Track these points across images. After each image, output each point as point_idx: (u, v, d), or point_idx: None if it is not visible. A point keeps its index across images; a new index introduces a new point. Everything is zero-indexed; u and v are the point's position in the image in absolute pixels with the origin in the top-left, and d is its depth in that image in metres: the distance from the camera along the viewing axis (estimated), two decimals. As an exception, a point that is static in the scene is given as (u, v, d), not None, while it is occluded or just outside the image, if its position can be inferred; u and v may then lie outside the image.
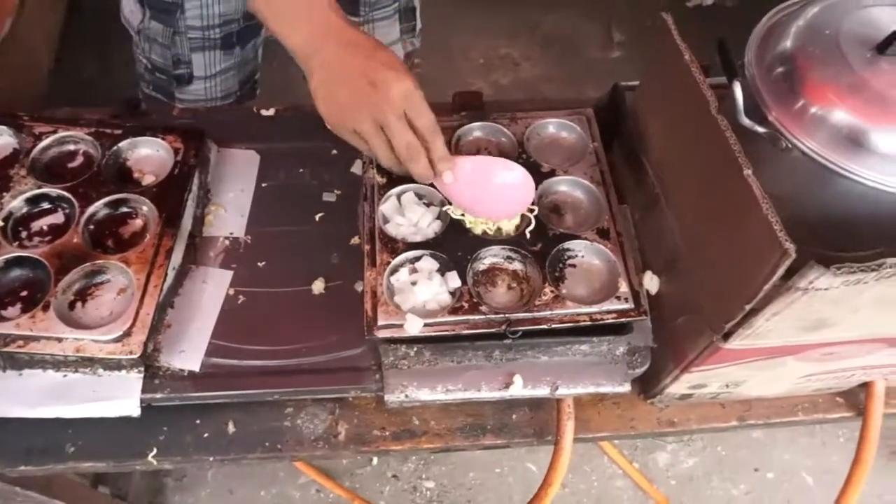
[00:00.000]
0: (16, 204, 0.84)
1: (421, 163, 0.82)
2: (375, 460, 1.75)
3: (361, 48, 0.81)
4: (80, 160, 0.91)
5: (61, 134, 0.91)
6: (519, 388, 0.79)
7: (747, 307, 0.66)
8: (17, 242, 0.83)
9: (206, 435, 0.84)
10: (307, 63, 0.82)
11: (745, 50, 0.79)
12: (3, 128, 0.91)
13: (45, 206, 0.86)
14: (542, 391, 0.80)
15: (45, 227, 0.85)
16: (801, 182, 0.74)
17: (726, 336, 0.71)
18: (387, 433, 0.87)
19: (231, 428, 0.84)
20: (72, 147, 0.92)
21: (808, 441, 1.85)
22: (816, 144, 0.70)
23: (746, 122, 0.71)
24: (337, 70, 0.81)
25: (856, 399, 0.94)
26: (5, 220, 0.83)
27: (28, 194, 0.85)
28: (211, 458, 0.83)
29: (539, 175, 0.89)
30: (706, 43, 0.82)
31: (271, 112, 1.07)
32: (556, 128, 0.96)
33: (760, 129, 0.72)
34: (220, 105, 1.26)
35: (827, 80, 0.70)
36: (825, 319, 0.68)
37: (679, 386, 0.85)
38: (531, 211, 0.85)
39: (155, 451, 0.82)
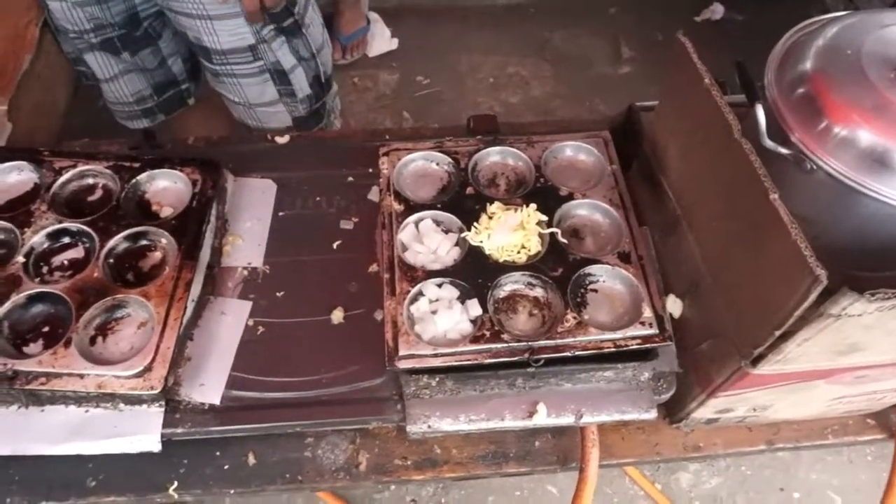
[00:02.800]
0: (37, 239, 0.85)
1: None
2: (394, 485, 1.73)
3: None
4: (99, 194, 0.92)
5: (81, 168, 0.92)
6: (543, 417, 0.78)
7: (777, 333, 0.64)
8: (38, 278, 0.83)
9: (226, 467, 0.83)
10: None
11: (763, 70, 0.78)
12: (24, 163, 0.92)
13: (66, 240, 0.87)
14: (567, 419, 0.79)
15: (65, 262, 0.86)
16: (827, 203, 0.73)
17: (755, 361, 0.70)
18: (408, 462, 0.86)
19: (251, 459, 0.84)
20: (91, 181, 0.93)
21: (835, 459, 1.81)
22: (842, 165, 0.69)
23: (770, 144, 0.71)
24: None
25: (887, 420, 0.92)
26: (27, 255, 0.84)
27: (49, 229, 0.86)
28: (231, 491, 0.83)
29: (557, 199, 0.89)
30: (716, 57, 0.82)
31: (286, 139, 1.07)
32: (573, 151, 0.95)
33: (784, 151, 0.71)
34: (136, 110, 1.31)
35: (851, 100, 0.69)
36: (857, 344, 0.66)
37: (705, 411, 0.83)
38: (552, 232, 0.85)
39: (176, 483, 0.82)
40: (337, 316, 0.88)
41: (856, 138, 0.68)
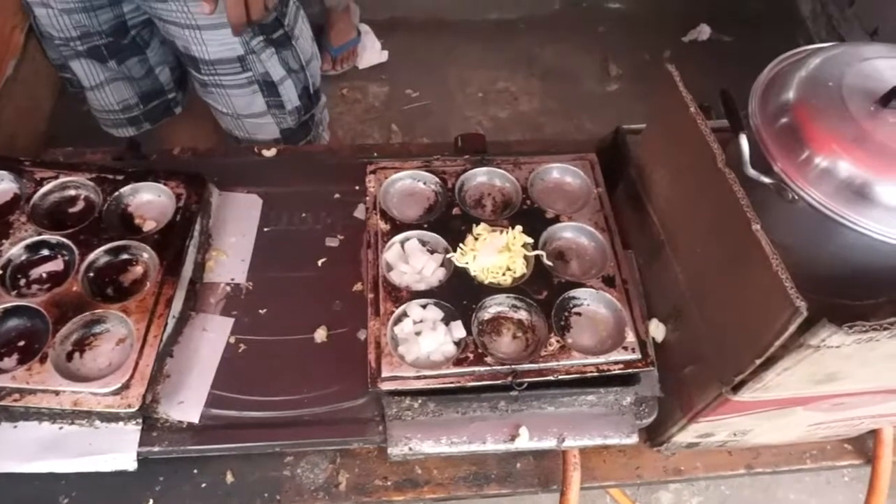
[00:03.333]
0: (15, 251, 0.84)
1: None
2: None
3: None
4: (81, 206, 0.91)
5: (63, 179, 0.90)
6: (525, 441, 0.78)
7: (758, 362, 0.65)
8: (15, 291, 0.82)
9: (203, 485, 0.82)
10: None
11: (748, 96, 0.79)
12: (4, 173, 0.91)
13: (45, 253, 0.86)
14: (549, 443, 0.79)
15: (44, 275, 0.84)
16: (808, 232, 0.73)
17: (736, 388, 0.70)
18: (389, 483, 0.85)
19: (230, 478, 0.83)
20: (73, 192, 0.92)
21: (813, 479, 1.82)
22: (822, 196, 0.70)
23: (752, 173, 0.71)
24: None
25: (864, 445, 0.93)
26: (3, 267, 0.82)
27: (28, 241, 0.84)
28: (209, 510, 0.81)
29: (543, 221, 0.89)
30: (702, 77, 0.83)
31: (273, 153, 1.07)
32: (559, 173, 0.96)
33: (766, 180, 0.72)
34: (122, 118, 1.29)
35: (831, 131, 0.70)
36: (836, 373, 0.67)
37: (686, 435, 0.83)
38: (537, 255, 0.85)
39: (151, 501, 0.80)
40: (320, 335, 0.87)
41: (836, 169, 0.69)
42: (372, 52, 2.43)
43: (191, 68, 1.21)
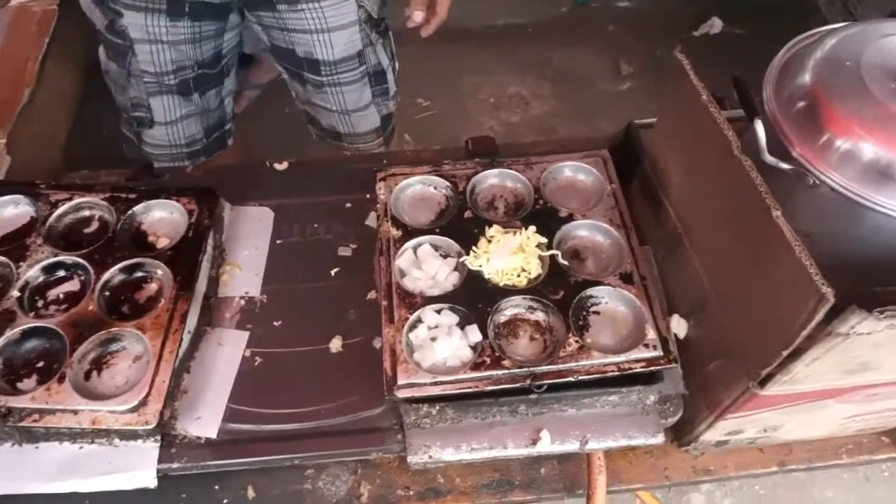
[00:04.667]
0: (32, 273, 0.84)
1: None
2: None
3: None
4: (95, 226, 0.91)
5: (77, 201, 0.91)
6: (547, 445, 0.76)
7: (784, 353, 0.63)
8: (33, 312, 0.82)
9: (225, 501, 0.82)
10: None
11: (762, 84, 0.77)
12: (21, 197, 0.92)
13: (61, 273, 0.86)
14: (572, 446, 0.77)
15: (61, 296, 0.85)
16: (831, 218, 0.71)
17: (763, 382, 0.68)
18: (411, 493, 0.84)
19: (251, 493, 0.82)
20: (87, 213, 0.92)
21: (851, 477, 1.76)
22: (845, 179, 0.68)
23: (770, 159, 0.69)
24: None
25: (903, 438, 0.89)
26: (21, 290, 0.83)
27: (44, 263, 0.85)
28: (231, 526, 0.81)
29: (557, 220, 0.88)
30: (715, 71, 0.81)
31: (284, 166, 1.07)
32: (572, 171, 0.94)
33: (785, 166, 0.70)
34: (184, 153, 1.27)
35: (852, 113, 0.68)
36: (868, 362, 0.65)
37: (714, 433, 0.81)
38: (552, 255, 0.83)
39: (173, 519, 0.80)
40: (335, 344, 0.87)
41: (858, 151, 0.67)
42: (382, 63, 2.44)
43: (307, 72, 1.22)
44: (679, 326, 0.82)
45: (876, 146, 0.66)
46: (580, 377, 0.74)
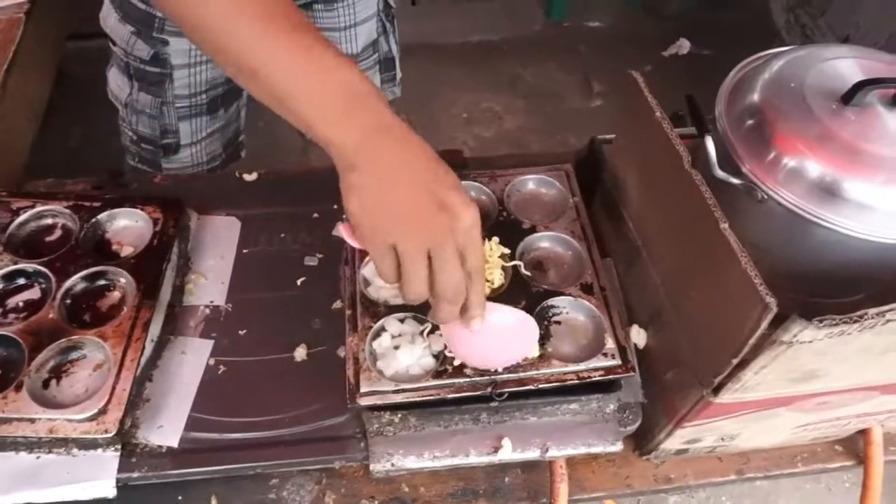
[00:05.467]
0: (-9, 281, 0.83)
1: (457, 306, 0.67)
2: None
3: (421, 152, 0.67)
4: (58, 234, 0.91)
5: (39, 208, 0.90)
6: (508, 452, 0.77)
7: (734, 361, 0.65)
8: (-9, 320, 0.81)
9: (187, 512, 0.81)
10: (347, 155, 0.66)
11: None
12: (-19, 204, 0.91)
13: (22, 281, 0.85)
14: (533, 454, 0.78)
15: (20, 304, 0.84)
16: (779, 232, 0.74)
17: (716, 390, 0.70)
18: (376, 502, 0.84)
19: (214, 503, 0.81)
20: (50, 221, 0.91)
21: (814, 487, 1.81)
22: (791, 195, 0.71)
23: (721, 174, 0.72)
24: (391, 172, 0.64)
25: (855, 446, 0.92)
26: (-20, 298, 0.82)
27: (3, 271, 0.84)
28: (192, 537, 0.80)
29: (520, 232, 0.89)
30: (683, 89, 0.84)
31: (254, 177, 1.07)
32: (535, 184, 0.96)
33: (735, 181, 0.72)
34: (204, 170, 1.27)
35: (796, 131, 0.71)
36: (814, 371, 0.67)
37: (673, 441, 0.82)
38: (515, 265, 0.85)
39: (134, 530, 0.79)
40: (300, 353, 0.87)
41: (803, 168, 0.70)
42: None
43: None
44: (638, 336, 0.84)
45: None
46: (540, 385, 0.76)
